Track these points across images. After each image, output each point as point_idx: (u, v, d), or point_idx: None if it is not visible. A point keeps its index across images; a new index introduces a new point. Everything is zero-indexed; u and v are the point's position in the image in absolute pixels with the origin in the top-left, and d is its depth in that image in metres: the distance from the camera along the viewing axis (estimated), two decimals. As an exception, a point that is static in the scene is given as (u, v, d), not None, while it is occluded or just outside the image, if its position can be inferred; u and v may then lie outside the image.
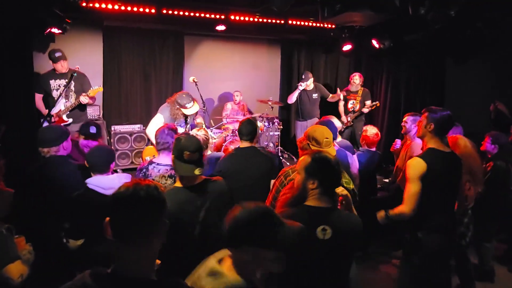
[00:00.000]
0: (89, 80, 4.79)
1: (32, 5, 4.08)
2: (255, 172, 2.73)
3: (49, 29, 4.76)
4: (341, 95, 6.29)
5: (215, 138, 4.71)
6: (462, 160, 2.73)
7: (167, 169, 2.56)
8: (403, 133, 3.82)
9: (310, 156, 1.77)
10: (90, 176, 2.30)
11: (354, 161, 3.20)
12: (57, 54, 4.51)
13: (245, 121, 2.97)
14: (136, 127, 6.05)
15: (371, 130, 3.97)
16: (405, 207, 2.41)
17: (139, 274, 1.02)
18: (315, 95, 6.19)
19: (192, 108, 3.99)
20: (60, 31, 4.94)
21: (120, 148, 5.88)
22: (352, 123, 6.26)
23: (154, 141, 4.21)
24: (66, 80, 4.58)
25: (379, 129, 7.31)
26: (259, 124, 4.70)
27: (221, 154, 3.80)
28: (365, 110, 6.18)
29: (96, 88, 4.60)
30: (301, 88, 6.02)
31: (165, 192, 1.19)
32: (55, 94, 4.61)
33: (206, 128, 4.16)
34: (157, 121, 4.12)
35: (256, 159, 2.81)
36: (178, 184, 2.03)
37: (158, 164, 2.62)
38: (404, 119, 3.80)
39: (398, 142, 4.07)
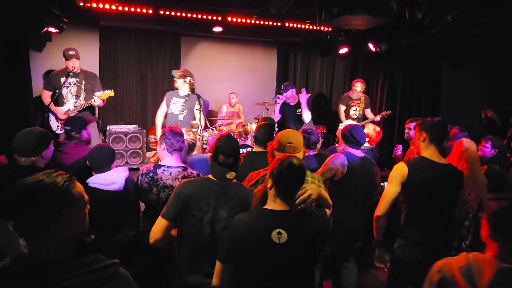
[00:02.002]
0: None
1: (29, 4, 4.06)
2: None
3: (46, 28, 4.74)
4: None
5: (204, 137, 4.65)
6: (468, 164, 2.72)
7: (179, 171, 2.51)
8: (407, 139, 3.80)
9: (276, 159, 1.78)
10: None
11: (378, 169, 3.18)
12: (71, 52, 4.47)
13: (262, 127, 2.92)
14: (132, 127, 6.02)
15: (371, 127, 3.93)
16: (376, 210, 2.38)
17: (54, 256, 1.09)
18: (298, 111, 5.17)
19: (178, 81, 4.38)
20: (57, 30, 4.91)
21: (115, 148, 5.80)
22: None
23: (157, 123, 4.45)
24: (77, 79, 4.57)
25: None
26: (249, 126, 4.72)
27: (207, 156, 3.76)
28: (378, 118, 5.83)
29: (108, 92, 4.53)
30: (279, 101, 5.17)
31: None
32: (64, 92, 4.57)
33: (200, 129, 4.15)
34: (161, 108, 4.50)
35: (267, 164, 2.77)
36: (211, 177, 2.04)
37: (168, 167, 2.53)
38: (406, 125, 3.79)
39: (399, 147, 3.94)
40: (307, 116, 5.04)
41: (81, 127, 3.06)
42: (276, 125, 4.67)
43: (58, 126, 4.62)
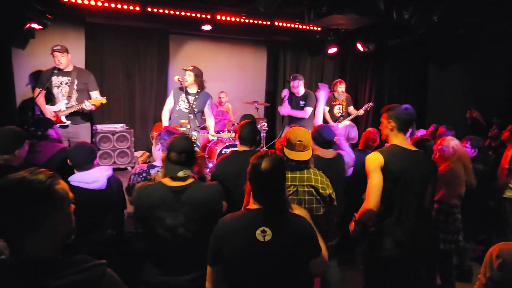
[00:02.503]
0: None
1: (10, -1, 3.97)
2: None
3: (28, 24, 4.61)
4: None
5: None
6: (461, 157, 2.76)
7: None
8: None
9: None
10: None
11: (351, 160, 3.17)
12: (55, 47, 4.29)
13: (246, 126, 2.82)
14: (119, 127, 5.93)
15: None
16: (367, 203, 2.25)
17: (44, 255, 1.08)
18: (302, 103, 5.43)
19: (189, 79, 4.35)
20: (40, 26, 4.80)
21: (102, 148, 5.75)
22: None
23: (164, 120, 4.36)
24: (69, 78, 4.40)
25: (363, 131, 7.48)
26: (211, 137, 4.72)
27: None
28: (361, 112, 6.07)
29: (100, 99, 4.40)
30: (286, 95, 5.42)
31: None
32: (55, 91, 4.39)
33: (188, 129, 4.12)
34: (168, 98, 4.45)
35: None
36: (165, 180, 1.98)
37: (157, 166, 2.52)
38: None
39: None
40: (319, 119, 4.89)
41: (45, 126, 3.02)
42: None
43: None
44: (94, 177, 2.30)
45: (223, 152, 5.54)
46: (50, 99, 4.44)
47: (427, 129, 4.89)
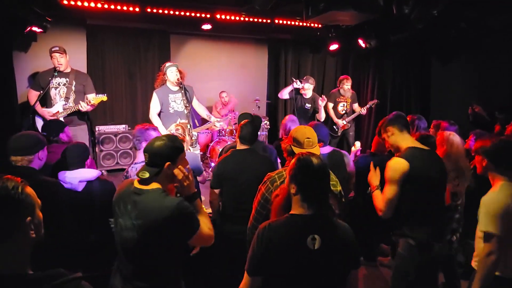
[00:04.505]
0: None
1: (10, 3, 3.99)
2: (253, 175, 2.62)
3: (29, 28, 4.65)
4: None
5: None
6: (451, 156, 2.71)
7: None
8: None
9: (294, 159, 1.68)
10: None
11: (350, 160, 3.18)
12: (53, 48, 4.33)
13: (248, 126, 2.85)
14: (121, 127, 5.97)
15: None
16: (381, 213, 2.29)
17: (8, 270, 1.02)
18: (308, 106, 5.63)
19: (172, 68, 4.22)
20: (41, 29, 4.83)
21: (105, 149, 5.79)
22: (349, 126, 6.21)
23: (157, 125, 4.16)
24: (67, 80, 4.41)
25: (366, 128, 7.43)
26: (218, 124, 4.67)
27: (193, 154, 3.74)
28: (364, 111, 6.05)
29: (100, 96, 4.35)
30: (295, 85, 5.54)
31: None
32: (53, 93, 4.41)
33: (187, 127, 4.09)
34: (153, 102, 4.27)
35: (253, 162, 2.74)
36: (137, 180, 1.91)
37: (135, 163, 2.62)
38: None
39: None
40: (322, 116, 5.56)
41: (57, 131, 3.08)
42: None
43: None
44: (70, 178, 2.35)
45: (224, 151, 5.55)
46: (46, 100, 4.43)
47: (430, 125, 4.83)
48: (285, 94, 5.69)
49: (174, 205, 1.67)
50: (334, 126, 6.22)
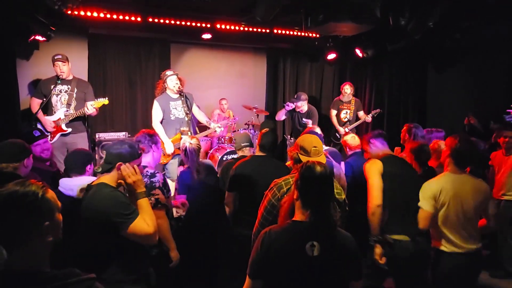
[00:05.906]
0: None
1: (15, 12, 4.06)
2: (270, 180, 2.61)
3: (33, 37, 4.71)
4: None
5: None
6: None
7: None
8: (403, 143, 3.87)
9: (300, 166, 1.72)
10: None
11: (341, 171, 3.24)
12: (56, 57, 4.40)
13: (269, 136, 2.96)
14: (121, 135, 6.00)
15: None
16: (370, 203, 2.54)
17: (30, 267, 1.07)
18: (304, 121, 5.68)
19: (172, 77, 4.32)
20: (44, 38, 4.88)
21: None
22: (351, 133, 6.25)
23: (160, 132, 4.24)
24: (69, 87, 4.46)
25: (364, 137, 7.48)
26: (218, 129, 4.72)
27: (209, 161, 3.81)
28: (369, 118, 6.11)
29: (102, 100, 4.43)
30: (288, 108, 5.70)
31: None
32: (54, 99, 4.45)
33: (188, 134, 4.16)
34: (155, 110, 4.33)
35: (271, 167, 2.80)
36: None
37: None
38: (404, 129, 3.87)
39: (397, 151, 3.95)
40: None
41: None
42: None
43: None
44: (71, 185, 2.32)
45: (224, 158, 5.60)
46: (47, 107, 4.48)
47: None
48: (281, 116, 5.92)
49: (107, 193, 1.85)
50: (336, 133, 6.30)
